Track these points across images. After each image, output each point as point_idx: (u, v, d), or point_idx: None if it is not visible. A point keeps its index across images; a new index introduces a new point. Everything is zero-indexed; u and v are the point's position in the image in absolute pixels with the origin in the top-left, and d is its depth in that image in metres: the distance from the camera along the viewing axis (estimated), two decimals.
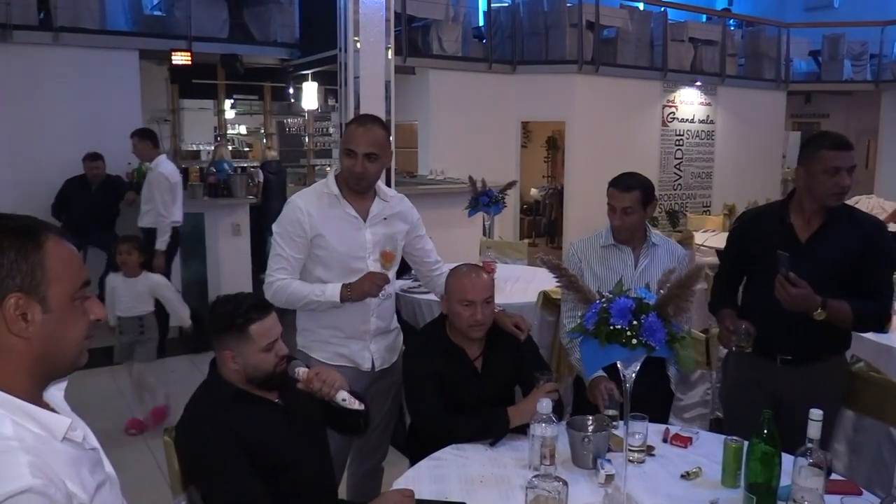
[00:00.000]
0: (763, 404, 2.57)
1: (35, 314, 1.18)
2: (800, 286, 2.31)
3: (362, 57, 5.70)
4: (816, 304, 2.34)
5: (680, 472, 2.07)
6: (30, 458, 1.10)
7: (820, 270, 2.40)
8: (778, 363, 2.56)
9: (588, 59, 9.54)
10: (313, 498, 2.06)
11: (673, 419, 3.10)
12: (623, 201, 2.72)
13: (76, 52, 6.91)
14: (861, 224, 2.51)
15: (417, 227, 2.82)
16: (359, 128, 2.55)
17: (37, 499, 1.07)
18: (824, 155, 2.40)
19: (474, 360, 2.54)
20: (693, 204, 11.08)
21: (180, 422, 1.97)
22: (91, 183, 6.57)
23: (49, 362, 1.23)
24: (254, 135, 11.24)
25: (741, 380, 2.71)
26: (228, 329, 1.96)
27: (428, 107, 8.94)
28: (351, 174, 2.55)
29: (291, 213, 2.59)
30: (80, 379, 1.42)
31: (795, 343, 2.51)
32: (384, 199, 2.69)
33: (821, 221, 2.48)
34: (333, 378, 2.06)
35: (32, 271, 1.18)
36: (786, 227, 2.53)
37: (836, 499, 1.77)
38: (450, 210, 5.55)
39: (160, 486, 3.04)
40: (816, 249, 2.47)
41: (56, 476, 1.12)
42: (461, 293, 2.47)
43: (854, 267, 2.44)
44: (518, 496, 1.75)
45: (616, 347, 1.62)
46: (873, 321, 2.55)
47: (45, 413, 1.21)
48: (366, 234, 2.63)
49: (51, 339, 1.21)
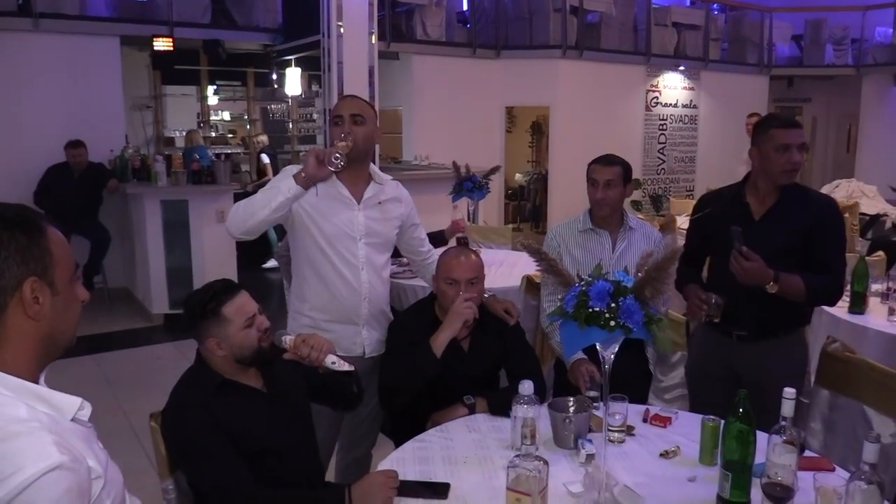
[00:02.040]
0: (722, 380, 2.67)
1: (45, 297, 1.23)
2: (752, 259, 2.41)
3: (346, 42, 5.70)
4: (769, 277, 2.43)
5: (659, 451, 2.11)
6: (54, 436, 1.14)
7: (773, 246, 2.49)
8: (734, 340, 2.66)
9: (572, 44, 9.55)
10: (299, 483, 2.08)
11: (654, 400, 3.15)
12: (606, 174, 2.80)
13: (56, 39, 6.84)
14: (813, 201, 2.62)
15: (413, 216, 2.82)
16: (343, 99, 2.68)
17: (66, 475, 1.11)
18: (774, 133, 2.52)
19: (461, 340, 2.57)
20: (676, 188, 11.16)
21: (165, 407, 1.99)
22: (73, 170, 6.54)
23: (52, 343, 1.28)
24: (237, 121, 11.18)
25: (702, 356, 2.83)
26: (203, 316, 1.97)
27: (412, 92, 8.92)
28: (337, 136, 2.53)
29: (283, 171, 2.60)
30: (63, 366, 1.45)
31: (750, 319, 2.61)
32: (379, 183, 2.68)
33: (774, 200, 2.57)
34: (321, 342, 2.07)
35: (42, 256, 1.23)
36: (742, 206, 2.62)
37: (809, 475, 1.82)
38: (434, 196, 5.56)
39: (148, 472, 3.06)
40: (769, 225, 2.56)
41: (78, 452, 1.17)
42: (447, 272, 2.52)
43: (806, 242, 2.52)
44: (501, 476, 1.79)
45: (595, 329, 1.65)
46: (825, 295, 2.65)
47: (54, 394, 1.25)
48: (359, 216, 2.62)
49: (56, 320, 1.26)
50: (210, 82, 10.27)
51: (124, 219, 7.04)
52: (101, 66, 7.12)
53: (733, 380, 2.64)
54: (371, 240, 2.65)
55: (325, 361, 2.05)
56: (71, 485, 1.12)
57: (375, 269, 2.69)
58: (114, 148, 6.93)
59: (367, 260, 2.65)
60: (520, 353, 2.65)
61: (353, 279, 2.63)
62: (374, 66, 5.92)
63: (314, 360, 2.05)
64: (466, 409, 2.39)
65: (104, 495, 1.24)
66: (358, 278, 2.63)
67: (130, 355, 5.54)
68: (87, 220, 6.62)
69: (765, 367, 2.58)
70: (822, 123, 14.10)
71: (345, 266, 2.61)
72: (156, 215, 6.25)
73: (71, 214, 6.37)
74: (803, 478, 1.77)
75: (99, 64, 7.12)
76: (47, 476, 1.09)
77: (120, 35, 7.32)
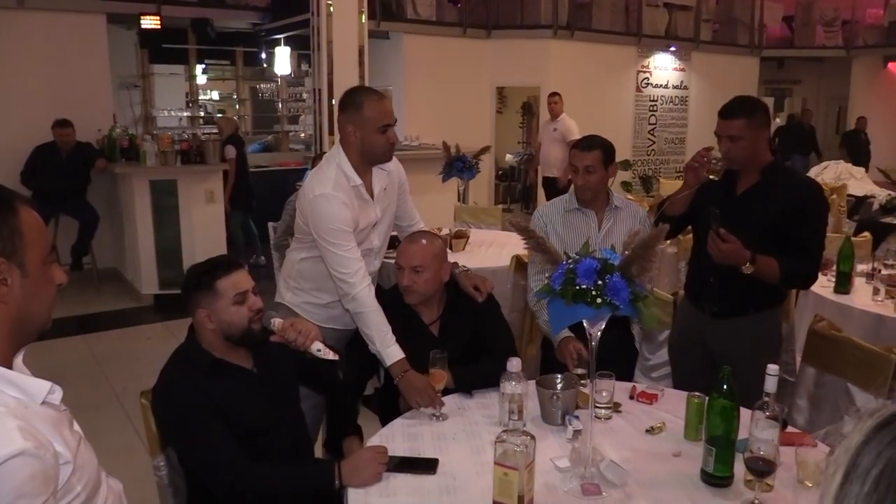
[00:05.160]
0: (696, 355, 2.73)
1: (14, 279, 1.21)
2: (729, 241, 2.43)
3: (335, 21, 5.67)
4: (745, 259, 2.45)
5: (645, 428, 2.14)
6: (18, 422, 1.13)
7: (751, 223, 2.52)
8: (707, 315, 2.71)
9: (563, 24, 9.52)
10: (290, 461, 2.10)
11: (641, 378, 3.19)
12: (585, 160, 2.79)
13: (42, 16, 6.75)
14: (795, 182, 2.64)
15: (405, 183, 2.82)
16: (384, 101, 2.53)
17: (30, 461, 1.10)
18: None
19: (430, 324, 2.56)
20: (666, 169, 11.18)
21: (156, 385, 2.00)
22: (61, 150, 6.48)
23: (24, 326, 1.25)
24: (226, 101, 11.10)
25: (679, 331, 2.90)
26: (197, 287, 1.99)
27: (402, 72, 8.88)
28: (391, 147, 2.52)
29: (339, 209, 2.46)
30: (53, 347, 1.45)
31: (723, 296, 2.64)
32: (385, 168, 2.65)
33: (757, 178, 2.59)
34: (308, 329, 2.09)
35: (12, 237, 1.20)
36: (728, 181, 2.65)
37: (791, 450, 1.85)
38: (424, 176, 5.56)
39: (139, 451, 3.07)
40: (750, 202, 2.58)
41: (44, 438, 1.16)
42: (397, 255, 2.52)
43: (784, 221, 2.53)
44: (488, 451, 1.81)
45: (582, 306, 1.66)
46: (800, 279, 2.68)
47: (24, 378, 1.23)
48: (377, 210, 2.63)
49: (27, 302, 1.24)
50: (198, 61, 10.19)
51: (113, 199, 7.00)
52: (87, 44, 7.05)
53: (707, 354, 2.70)
54: (382, 227, 2.70)
55: (310, 348, 2.07)
56: (35, 471, 1.11)
57: (383, 249, 2.78)
58: (101, 127, 6.87)
59: (380, 246, 2.72)
60: (491, 329, 2.60)
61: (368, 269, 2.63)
62: (363, 45, 5.89)
63: (300, 346, 2.07)
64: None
65: (74, 480, 1.23)
66: (371, 267, 2.66)
67: (120, 336, 5.53)
68: (76, 200, 6.58)
69: (735, 342, 2.62)
70: (812, 105, 14.13)
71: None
72: (144, 195, 6.21)
73: (59, 194, 6.33)
74: (786, 452, 1.80)
75: (85, 42, 7.04)
76: (9, 462, 1.08)
77: (107, 13, 7.22)
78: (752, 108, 2.54)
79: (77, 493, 1.25)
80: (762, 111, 2.57)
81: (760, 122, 2.54)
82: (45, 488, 1.13)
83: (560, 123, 7.85)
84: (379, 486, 1.81)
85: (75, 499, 1.24)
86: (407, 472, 1.87)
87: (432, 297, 2.54)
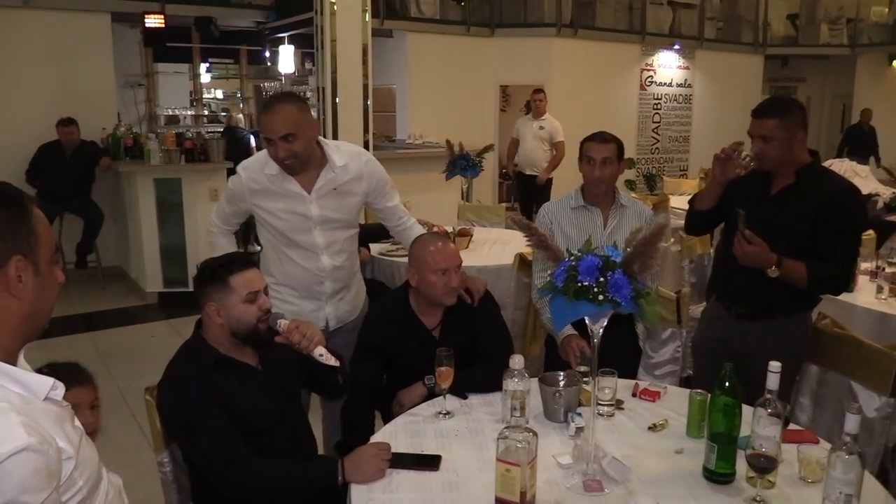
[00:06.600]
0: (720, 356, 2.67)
1: (28, 276, 1.23)
2: (755, 243, 2.40)
3: (339, 19, 5.66)
4: (771, 262, 2.41)
5: (647, 425, 2.14)
6: (22, 417, 1.14)
7: (782, 224, 2.48)
8: (734, 316, 2.67)
9: (566, 22, 9.51)
10: (294, 457, 2.11)
11: (644, 376, 3.18)
12: (603, 152, 2.81)
13: (46, 15, 6.77)
14: (831, 185, 2.54)
15: (380, 191, 2.74)
16: (267, 114, 2.47)
17: (34, 457, 1.11)
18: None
19: (432, 329, 2.56)
20: (670, 168, 11.17)
21: (161, 380, 2.01)
22: (65, 148, 6.50)
23: (32, 323, 1.27)
24: (230, 99, 11.12)
25: (705, 332, 2.85)
26: (210, 280, 2.02)
27: (406, 70, 8.89)
28: (276, 160, 2.50)
29: (237, 183, 2.65)
30: (58, 344, 1.46)
31: (747, 298, 2.61)
32: (333, 170, 2.60)
33: (792, 179, 2.54)
34: (313, 333, 2.11)
35: (28, 236, 1.22)
36: (764, 181, 2.59)
37: (793, 447, 1.85)
38: (428, 174, 5.58)
39: (143, 448, 3.09)
40: (782, 203, 2.54)
41: (47, 433, 1.17)
42: (435, 263, 2.45)
43: (817, 225, 2.47)
44: (491, 448, 1.81)
45: (584, 303, 1.66)
46: (829, 284, 2.58)
47: (26, 374, 1.24)
48: (311, 207, 2.60)
49: (38, 300, 1.26)
50: (203, 60, 10.20)
51: (117, 197, 7.03)
52: (91, 43, 7.06)
53: (731, 356, 2.63)
54: (329, 226, 2.65)
55: (313, 353, 2.08)
56: (39, 466, 1.11)
57: (337, 249, 2.70)
58: (106, 126, 6.89)
59: (326, 245, 2.66)
60: (487, 332, 2.59)
61: (313, 265, 2.66)
62: (367, 43, 5.88)
63: (303, 349, 2.08)
64: (426, 389, 2.39)
65: (76, 475, 1.24)
66: (318, 263, 2.66)
67: (125, 333, 5.54)
68: (80, 198, 6.60)
69: (758, 346, 2.53)
70: (816, 103, 14.10)
71: (303, 254, 2.65)
72: (149, 194, 6.23)
73: (63, 193, 6.36)
74: (787, 450, 1.80)
75: (90, 41, 7.05)
76: (14, 458, 1.08)
77: (111, 12, 7.24)
78: (786, 108, 2.47)
79: (79, 488, 1.26)
80: (798, 111, 2.49)
81: (795, 122, 2.46)
82: (48, 483, 1.14)
83: (547, 122, 7.59)
84: (382, 483, 1.82)
85: (77, 493, 1.26)
86: (410, 469, 1.87)
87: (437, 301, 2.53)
